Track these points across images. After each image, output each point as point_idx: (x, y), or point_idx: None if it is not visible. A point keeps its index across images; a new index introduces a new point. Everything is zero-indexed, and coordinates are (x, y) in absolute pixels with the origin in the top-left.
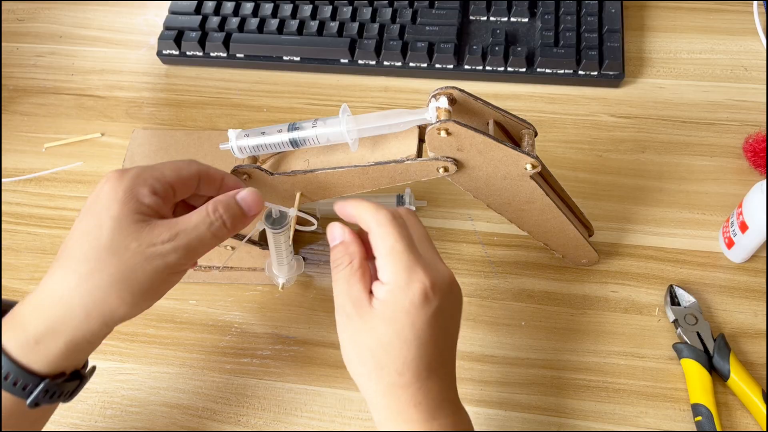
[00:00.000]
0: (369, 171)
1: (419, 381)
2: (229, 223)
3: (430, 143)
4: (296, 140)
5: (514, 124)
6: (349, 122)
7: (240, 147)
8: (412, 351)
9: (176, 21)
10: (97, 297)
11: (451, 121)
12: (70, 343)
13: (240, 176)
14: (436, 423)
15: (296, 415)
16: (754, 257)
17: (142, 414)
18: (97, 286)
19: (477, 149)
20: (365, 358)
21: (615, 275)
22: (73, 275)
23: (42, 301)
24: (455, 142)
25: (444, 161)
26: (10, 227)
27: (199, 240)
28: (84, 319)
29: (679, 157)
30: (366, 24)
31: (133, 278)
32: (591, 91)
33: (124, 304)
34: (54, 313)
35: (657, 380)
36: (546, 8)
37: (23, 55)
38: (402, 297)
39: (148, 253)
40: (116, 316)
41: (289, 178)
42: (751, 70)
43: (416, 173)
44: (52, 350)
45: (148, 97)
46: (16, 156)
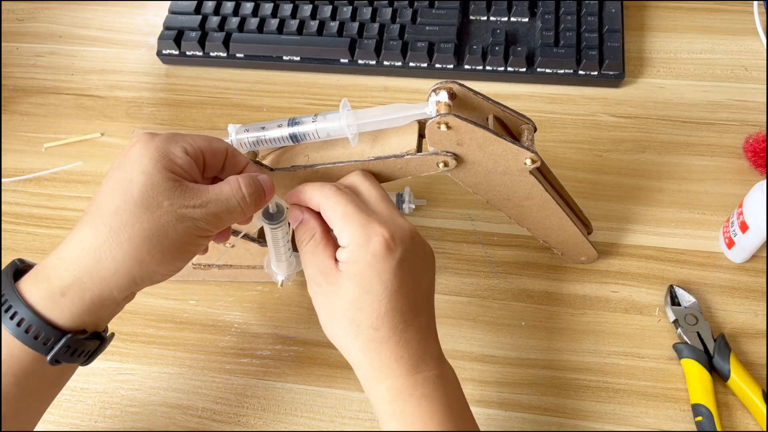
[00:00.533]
0: (369, 166)
1: (396, 334)
2: (251, 200)
3: (430, 137)
4: (296, 135)
5: (514, 119)
6: (349, 117)
7: (240, 141)
8: (383, 303)
9: (176, 21)
10: (127, 250)
11: (451, 115)
12: (97, 297)
13: None
14: (420, 376)
15: (296, 415)
16: (755, 257)
17: (142, 414)
18: (129, 239)
19: (477, 143)
20: (340, 319)
21: (615, 275)
22: (104, 227)
23: (69, 253)
24: (455, 136)
25: (444, 156)
26: (10, 227)
27: (228, 211)
28: (113, 273)
29: (679, 157)
30: (366, 24)
31: (165, 235)
32: (591, 91)
33: (154, 260)
34: (82, 264)
35: (657, 380)
36: (546, 8)
37: (23, 55)
38: (363, 252)
39: (180, 214)
40: (145, 274)
41: (289, 174)
42: (751, 70)
43: (416, 168)
44: (77, 304)
45: (148, 97)
46: (16, 156)
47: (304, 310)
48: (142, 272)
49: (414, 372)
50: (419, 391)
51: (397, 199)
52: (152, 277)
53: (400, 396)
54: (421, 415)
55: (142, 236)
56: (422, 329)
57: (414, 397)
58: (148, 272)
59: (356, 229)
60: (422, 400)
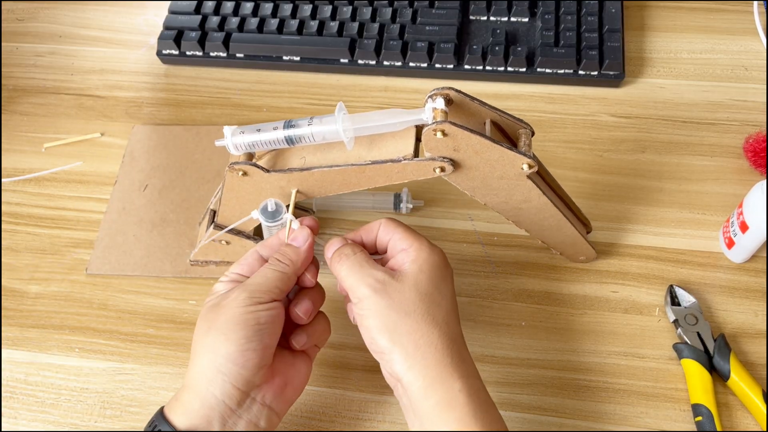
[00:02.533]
0: (365, 170)
1: (450, 339)
2: (284, 259)
3: (427, 144)
4: (291, 138)
5: (511, 123)
6: (345, 120)
7: (235, 144)
8: (448, 302)
9: (176, 21)
10: (196, 353)
11: (446, 123)
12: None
13: (236, 172)
14: (471, 381)
15: (296, 415)
16: (755, 257)
17: (142, 414)
18: (195, 345)
19: (473, 150)
20: (413, 312)
21: (615, 275)
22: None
23: None
24: (451, 142)
25: (441, 161)
26: (9, 227)
27: (261, 277)
28: (198, 372)
29: (679, 157)
30: (366, 24)
31: (217, 323)
32: (591, 91)
33: (219, 342)
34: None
35: (657, 380)
36: (546, 8)
37: (23, 55)
38: (430, 257)
39: (224, 304)
40: (221, 357)
41: (286, 175)
42: (751, 70)
43: (413, 173)
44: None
45: (147, 97)
46: (16, 156)
47: None
48: (218, 358)
49: (471, 376)
50: (483, 393)
51: (394, 199)
52: (232, 357)
53: (477, 394)
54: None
55: (202, 336)
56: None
57: (483, 395)
58: (224, 355)
59: (422, 240)
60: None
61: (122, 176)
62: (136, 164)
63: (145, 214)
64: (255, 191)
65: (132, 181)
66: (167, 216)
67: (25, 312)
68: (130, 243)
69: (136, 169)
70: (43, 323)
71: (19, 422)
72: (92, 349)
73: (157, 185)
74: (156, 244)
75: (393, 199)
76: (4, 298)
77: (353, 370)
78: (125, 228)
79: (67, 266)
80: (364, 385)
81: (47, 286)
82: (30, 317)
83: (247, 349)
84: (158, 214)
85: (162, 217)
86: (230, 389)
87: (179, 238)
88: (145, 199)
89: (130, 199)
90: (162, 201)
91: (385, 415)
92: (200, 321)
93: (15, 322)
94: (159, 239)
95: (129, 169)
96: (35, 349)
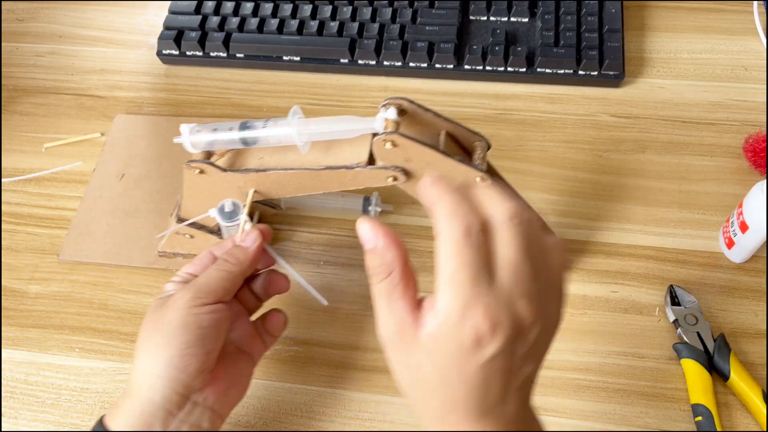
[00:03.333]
0: (320, 174)
1: (470, 422)
2: (232, 260)
3: (378, 153)
4: (246, 139)
5: (468, 135)
6: (299, 125)
7: (192, 143)
8: (458, 394)
9: (176, 21)
10: (139, 357)
11: (395, 134)
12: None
13: (193, 170)
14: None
15: (296, 415)
16: (755, 257)
17: None
18: (138, 347)
19: (425, 161)
20: (408, 388)
21: (615, 275)
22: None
23: None
24: (402, 153)
25: (393, 171)
26: (9, 227)
27: (207, 277)
28: (138, 374)
29: (679, 157)
30: (366, 24)
31: (160, 326)
32: (591, 91)
33: (160, 347)
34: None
35: (657, 380)
36: (546, 8)
37: (23, 55)
38: (451, 337)
39: (168, 304)
40: (162, 362)
41: (243, 176)
42: (751, 70)
43: (366, 180)
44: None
45: (147, 97)
46: (16, 156)
47: (304, 310)
48: (159, 364)
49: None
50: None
51: (363, 203)
52: (173, 362)
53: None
54: None
55: (145, 340)
56: (505, 416)
57: None
58: (166, 360)
59: (457, 302)
60: None
61: (101, 164)
62: (116, 153)
63: (120, 203)
64: (213, 188)
65: (110, 170)
66: (141, 206)
67: (25, 312)
68: (102, 231)
69: (116, 157)
70: (43, 323)
71: (19, 422)
72: (92, 349)
73: (134, 174)
74: (128, 234)
75: (362, 202)
76: (4, 298)
77: (353, 370)
78: (99, 216)
79: (67, 266)
80: (364, 385)
81: (47, 286)
82: (30, 317)
83: (187, 354)
84: (132, 204)
85: (136, 206)
86: (170, 394)
87: (151, 229)
88: (121, 188)
89: (107, 187)
90: (137, 190)
91: (385, 415)
92: (145, 321)
93: (15, 322)
94: (131, 229)
95: (108, 157)
96: (35, 349)
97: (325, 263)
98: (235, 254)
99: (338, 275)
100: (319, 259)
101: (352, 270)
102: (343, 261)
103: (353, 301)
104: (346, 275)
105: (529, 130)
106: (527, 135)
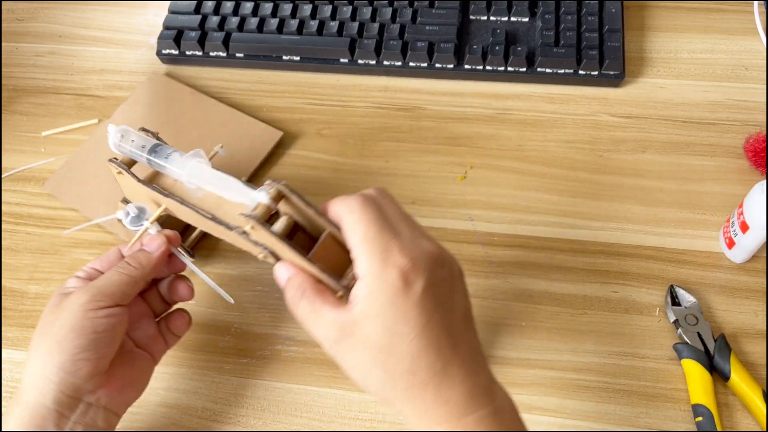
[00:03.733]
0: (206, 221)
1: (437, 375)
2: (134, 263)
3: (247, 230)
4: (152, 163)
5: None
6: (193, 169)
7: (116, 146)
8: (414, 344)
9: (176, 21)
10: (30, 358)
11: (253, 220)
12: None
13: (114, 169)
14: (471, 418)
15: (296, 415)
16: (755, 257)
17: (142, 414)
18: (30, 350)
19: (288, 257)
20: (371, 369)
21: (615, 275)
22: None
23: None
24: (267, 239)
25: (263, 250)
26: (9, 227)
27: (107, 279)
28: (28, 377)
29: (679, 157)
30: (366, 24)
31: (53, 328)
32: (591, 90)
33: (52, 350)
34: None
35: (657, 380)
36: (546, 8)
37: (23, 55)
38: (381, 287)
39: (63, 305)
40: (53, 366)
41: (150, 191)
42: (751, 70)
43: (245, 245)
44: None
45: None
46: (16, 156)
47: None
48: (50, 367)
49: (465, 414)
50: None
51: None
52: (65, 366)
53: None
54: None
55: (37, 342)
56: (466, 362)
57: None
58: (57, 364)
59: (375, 256)
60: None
61: (117, 115)
62: (136, 110)
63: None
64: (132, 193)
65: (122, 123)
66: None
67: (25, 312)
68: (87, 179)
69: (134, 116)
70: None
71: None
72: None
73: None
74: (106, 190)
75: None
76: (4, 298)
77: None
78: (90, 163)
79: (67, 266)
80: None
81: (47, 286)
82: (30, 317)
83: (80, 359)
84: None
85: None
86: (61, 397)
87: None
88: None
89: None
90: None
91: (385, 415)
92: (42, 317)
93: (15, 322)
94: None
95: (127, 110)
96: None
97: None
98: (138, 258)
99: None
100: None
101: None
102: None
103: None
104: None
105: (529, 130)
106: (527, 135)
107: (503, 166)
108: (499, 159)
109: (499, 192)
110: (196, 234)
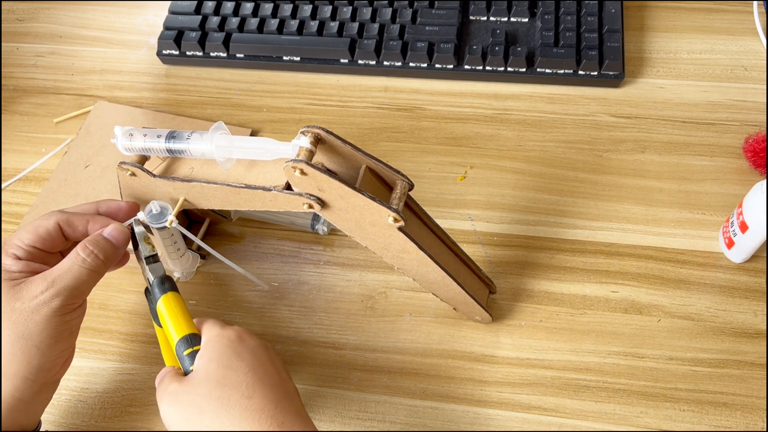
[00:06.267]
0: (240, 192)
1: (271, 403)
2: (102, 256)
3: (290, 179)
4: (172, 150)
5: (390, 173)
6: (219, 140)
7: (125, 147)
8: (249, 375)
9: (176, 21)
10: (5, 358)
11: (302, 162)
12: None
13: (125, 172)
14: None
15: None
16: (755, 257)
17: (143, 414)
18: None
19: (337, 193)
20: (206, 405)
21: (615, 275)
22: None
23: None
24: (313, 182)
25: (307, 198)
26: (10, 227)
27: (76, 279)
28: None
29: (679, 157)
30: (366, 24)
31: (28, 331)
32: (591, 91)
33: (31, 354)
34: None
35: (657, 380)
36: (546, 8)
37: (23, 55)
38: (220, 339)
39: (33, 306)
40: (32, 368)
41: (171, 183)
42: (751, 70)
43: (284, 203)
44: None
45: (148, 97)
46: (16, 156)
47: (304, 309)
48: (29, 368)
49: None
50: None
51: (312, 220)
52: (45, 366)
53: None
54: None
55: (10, 341)
56: (296, 400)
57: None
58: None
59: (215, 327)
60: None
61: (73, 148)
62: (90, 139)
63: (83, 189)
64: (147, 192)
65: (80, 155)
66: (102, 196)
67: None
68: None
69: (89, 144)
70: None
71: None
72: (92, 349)
73: (102, 163)
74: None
75: (310, 218)
76: None
77: (353, 370)
78: (61, 199)
79: None
80: (364, 385)
81: None
82: None
83: (59, 357)
84: (94, 193)
85: (97, 196)
86: (37, 387)
87: None
88: (87, 175)
89: (74, 172)
90: (102, 180)
91: (385, 415)
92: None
93: None
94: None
95: (82, 142)
96: None
97: (324, 263)
98: (106, 250)
99: (337, 275)
100: (319, 259)
101: (352, 270)
102: (343, 261)
103: (353, 301)
104: (346, 275)
105: (529, 131)
106: (527, 135)
107: (503, 166)
108: (499, 159)
109: (499, 192)
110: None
